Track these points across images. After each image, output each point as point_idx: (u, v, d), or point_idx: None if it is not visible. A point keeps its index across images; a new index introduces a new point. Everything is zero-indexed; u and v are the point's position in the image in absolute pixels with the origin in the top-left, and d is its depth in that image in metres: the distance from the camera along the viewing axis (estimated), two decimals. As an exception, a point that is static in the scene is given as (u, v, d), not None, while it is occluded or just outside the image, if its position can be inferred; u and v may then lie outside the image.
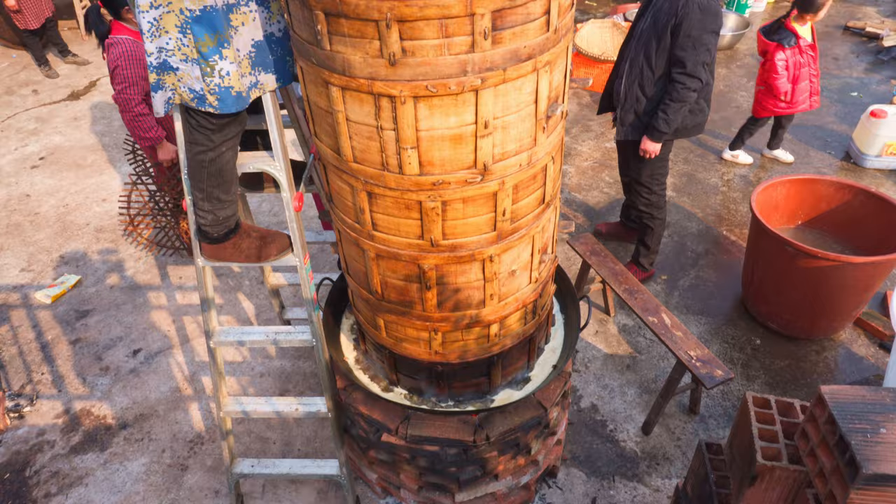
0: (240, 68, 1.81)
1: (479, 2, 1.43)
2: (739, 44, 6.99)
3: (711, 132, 5.48)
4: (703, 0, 3.01)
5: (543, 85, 1.70)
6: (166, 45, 1.76)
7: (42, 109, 6.33)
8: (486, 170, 1.75)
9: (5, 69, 7.08)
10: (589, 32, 5.93)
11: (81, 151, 5.61)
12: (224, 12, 1.71)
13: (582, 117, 5.75)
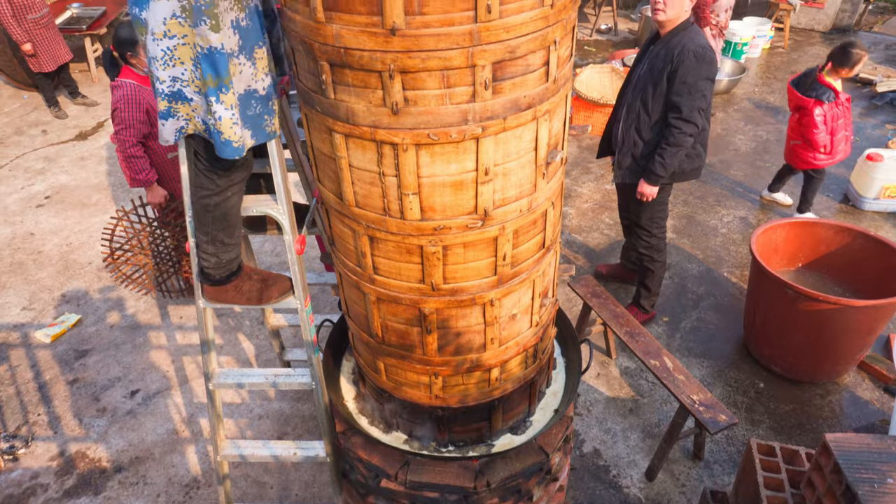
0: (235, 117, 1.82)
1: (479, 54, 1.47)
2: (736, 88, 7.12)
3: (710, 174, 5.54)
4: (697, 49, 3.08)
5: (543, 133, 1.73)
6: (181, 76, 1.76)
7: (50, 149, 6.42)
8: (487, 215, 1.77)
9: (16, 110, 7.21)
10: (588, 77, 6.06)
11: (87, 191, 5.67)
12: (227, 57, 1.73)
13: (582, 160, 5.83)
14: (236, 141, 1.82)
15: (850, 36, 8.51)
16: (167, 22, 1.66)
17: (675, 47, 3.10)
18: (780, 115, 6.64)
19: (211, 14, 1.65)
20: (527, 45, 1.52)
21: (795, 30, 8.69)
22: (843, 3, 8.39)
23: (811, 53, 8.10)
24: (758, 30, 7.63)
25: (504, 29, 1.46)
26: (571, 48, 1.77)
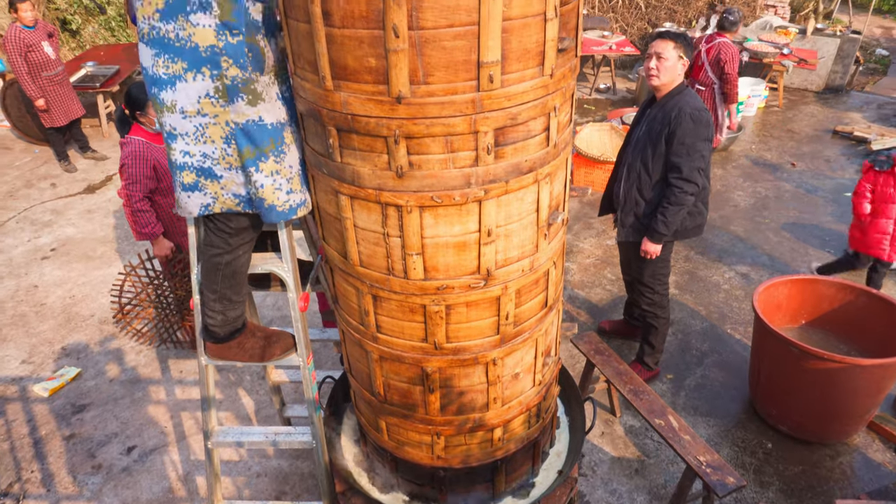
0: (288, 184, 1.87)
1: (482, 121, 1.52)
2: (734, 146, 7.26)
3: (710, 230, 5.59)
4: (693, 111, 3.16)
5: (544, 195, 1.76)
6: (212, 154, 1.81)
7: (58, 202, 6.52)
8: (490, 275, 1.78)
9: (27, 164, 7.36)
10: (588, 135, 6.19)
11: (92, 243, 5.72)
12: (277, 129, 1.79)
13: (583, 215, 5.89)
14: (280, 205, 1.87)
15: (843, 96, 8.73)
16: (201, 101, 1.71)
17: (672, 110, 3.19)
18: (777, 171, 6.74)
19: (248, 90, 1.70)
20: (528, 112, 1.57)
21: (789, 89, 8.92)
22: (834, 65, 8.64)
23: (806, 112, 8.29)
24: (752, 89, 7.84)
25: (506, 97, 1.51)
26: (571, 114, 1.83)
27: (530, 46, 1.49)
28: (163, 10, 1.63)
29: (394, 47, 1.39)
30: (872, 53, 10.63)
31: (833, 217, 5.82)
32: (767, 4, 9.51)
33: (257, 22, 1.66)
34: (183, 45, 1.65)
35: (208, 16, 1.61)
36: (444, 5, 1.36)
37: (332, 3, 1.41)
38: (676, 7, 9.08)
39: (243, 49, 1.66)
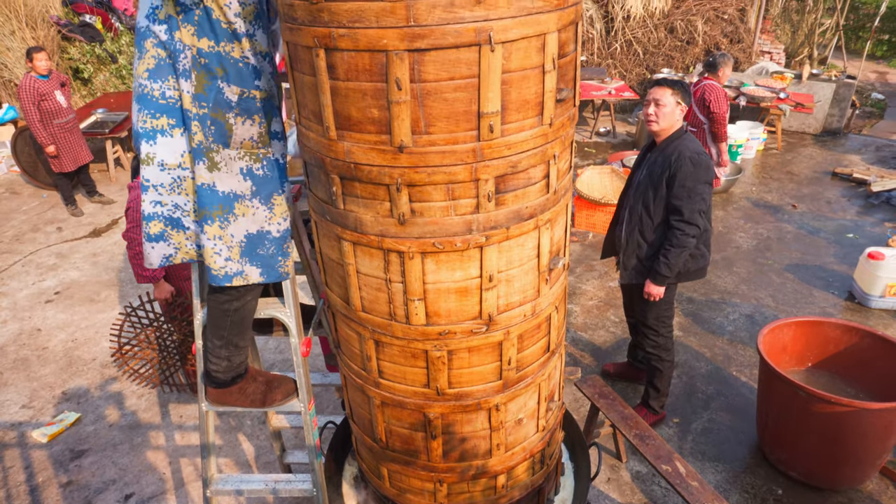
0: (227, 251, 1.92)
1: (483, 169, 1.55)
2: (734, 188, 7.32)
3: (713, 272, 5.59)
4: (693, 155, 3.21)
5: (545, 241, 1.78)
6: (183, 206, 1.89)
7: (63, 246, 6.57)
8: (492, 320, 1.79)
9: (35, 208, 7.45)
10: (589, 178, 6.26)
11: (96, 287, 5.75)
12: (229, 198, 1.86)
13: (585, 257, 5.91)
14: (216, 269, 1.93)
15: (841, 139, 8.84)
16: (184, 155, 1.81)
17: (672, 154, 3.23)
18: (778, 213, 6.78)
19: (207, 156, 1.80)
20: (528, 160, 1.60)
21: (788, 132, 9.04)
22: (830, 109, 8.78)
23: (805, 154, 8.38)
24: (751, 132, 7.95)
25: (506, 146, 1.54)
26: (570, 161, 1.86)
27: (529, 97, 1.53)
28: (152, 69, 1.76)
29: (396, 99, 1.43)
30: (868, 97, 10.81)
31: (836, 258, 5.82)
32: (763, 50, 9.73)
33: (230, 101, 1.77)
34: (170, 103, 1.78)
35: (188, 84, 1.75)
36: (446, 59, 1.40)
37: (337, 57, 1.46)
38: (674, 53, 9.30)
39: (206, 121, 1.78)
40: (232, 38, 1.72)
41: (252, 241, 1.95)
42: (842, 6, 10.47)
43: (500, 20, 1.39)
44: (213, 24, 1.69)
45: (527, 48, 1.46)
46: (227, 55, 1.73)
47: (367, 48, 1.40)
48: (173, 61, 1.73)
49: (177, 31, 1.70)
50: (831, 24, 10.92)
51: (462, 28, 1.37)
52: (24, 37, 8.80)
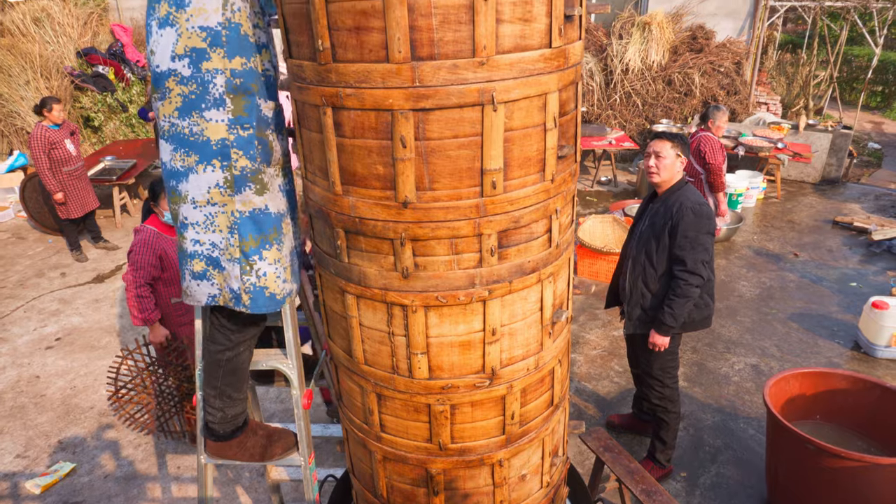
0: (284, 273, 1.93)
1: (486, 224, 1.56)
2: (735, 236, 7.35)
3: (717, 321, 5.55)
4: (694, 206, 3.24)
5: (548, 294, 1.79)
6: (219, 244, 1.87)
7: (66, 291, 6.58)
8: (495, 374, 1.78)
9: (39, 253, 7.49)
10: (591, 226, 6.30)
11: (97, 333, 5.73)
12: (276, 218, 1.88)
13: (589, 306, 5.89)
14: (279, 293, 1.93)
15: (840, 188, 8.92)
16: (210, 190, 1.80)
17: (674, 205, 3.27)
18: (780, 261, 6.78)
19: (256, 180, 1.80)
20: (530, 216, 1.62)
21: (787, 181, 9.13)
22: (828, 158, 8.89)
23: (805, 203, 8.44)
24: (751, 182, 8.03)
25: (508, 202, 1.56)
26: (572, 215, 1.88)
27: (531, 154, 1.56)
28: (181, 107, 1.75)
29: (401, 156, 1.46)
30: (865, 147, 10.96)
31: (841, 307, 5.80)
32: (760, 102, 9.92)
33: (267, 118, 1.78)
34: (196, 139, 1.76)
35: (222, 111, 1.73)
36: (450, 118, 1.44)
37: (344, 116, 1.50)
38: (672, 105, 9.48)
39: (253, 142, 1.77)
40: (257, 51, 1.74)
41: (293, 256, 2.01)
42: (834, 59, 10.72)
43: (503, 81, 1.43)
44: (242, 39, 1.69)
45: (528, 107, 1.50)
46: (256, 70, 1.74)
47: (373, 107, 1.44)
48: (200, 94, 1.72)
49: (204, 62, 1.69)
50: (825, 77, 11.17)
51: (466, 89, 1.41)
52: (39, 87, 9.04)
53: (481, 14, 1.36)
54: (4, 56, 8.99)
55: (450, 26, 1.37)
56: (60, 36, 9.47)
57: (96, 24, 10.10)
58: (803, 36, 12.43)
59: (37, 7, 9.45)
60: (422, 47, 1.38)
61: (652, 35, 9.23)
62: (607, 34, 9.67)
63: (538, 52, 1.47)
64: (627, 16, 9.58)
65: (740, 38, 9.68)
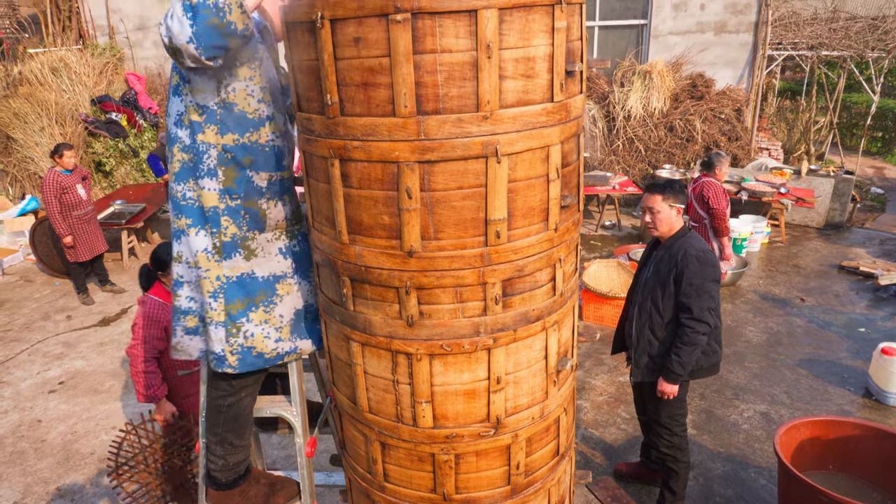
0: (277, 332, 1.95)
1: (490, 273, 1.58)
2: (741, 281, 7.33)
3: (724, 367, 5.49)
4: (699, 253, 3.25)
5: (552, 342, 1.79)
6: (201, 306, 1.94)
7: (71, 334, 6.58)
8: (499, 423, 1.76)
9: (46, 296, 7.53)
10: (596, 271, 6.31)
11: (101, 377, 5.71)
12: (265, 282, 1.92)
13: (594, 351, 5.85)
14: (268, 352, 1.96)
15: (845, 232, 8.94)
16: (198, 254, 1.88)
17: (678, 252, 3.28)
18: (787, 306, 6.75)
19: (244, 246, 1.87)
20: (534, 264, 1.64)
21: (791, 226, 9.16)
22: (832, 203, 8.93)
23: (810, 248, 8.45)
24: (755, 226, 8.06)
25: (512, 251, 1.59)
26: (576, 263, 1.90)
27: (535, 204, 1.59)
28: (177, 172, 1.86)
29: (407, 207, 1.49)
30: (867, 192, 11.02)
31: (850, 353, 5.73)
32: (761, 147, 10.04)
33: (260, 188, 1.87)
34: (188, 203, 1.86)
35: (214, 181, 1.82)
36: (454, 170, 1.47)
37: (351, 167, 1.53)
38: (674, 150, 9.61)
39: (240, 211, 1.86)
40: (257, 125, 1.82)
41: (300, 316, 2.01)
42: (833, 106, 10.89)
43: (506, 134, 1.47)
44: (237, 116, 1.78)
45: (531, 159, 1.54)
46: (254, 144, 1.82)
47: (379, 159, 1.48)
48: (195, 164, 1.82)
49: (199, 134, 1.79)
50: (825, 123, 11.32)
51: (470, 142, 1.45)
52: (53, 133, 9.25)
53: (485, 70, 1.41)
54: (21, 104, 9.23)
55: (455, 82, 1.42)
56: (76, 84, 9.74)
57: (111, 73, 10.39)
58: (802, 83, 12.67)
59: (55, 57, 9.76)
60: (427, 102, 1.43)
61: (653, 83, 9.43)
62: (609, 82, 9.88)
63: (540, 107, 1.51)
64: (628, 65, 9.80)
65: (740, 85, 9.87)
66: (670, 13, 9.74)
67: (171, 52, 1.57)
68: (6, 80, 9.73)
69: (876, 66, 10.07)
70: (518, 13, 1.41)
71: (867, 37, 9.85)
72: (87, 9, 10.50)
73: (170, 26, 1.53)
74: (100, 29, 10.65)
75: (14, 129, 9.28)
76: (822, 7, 10.52)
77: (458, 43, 1.39)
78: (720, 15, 9.64)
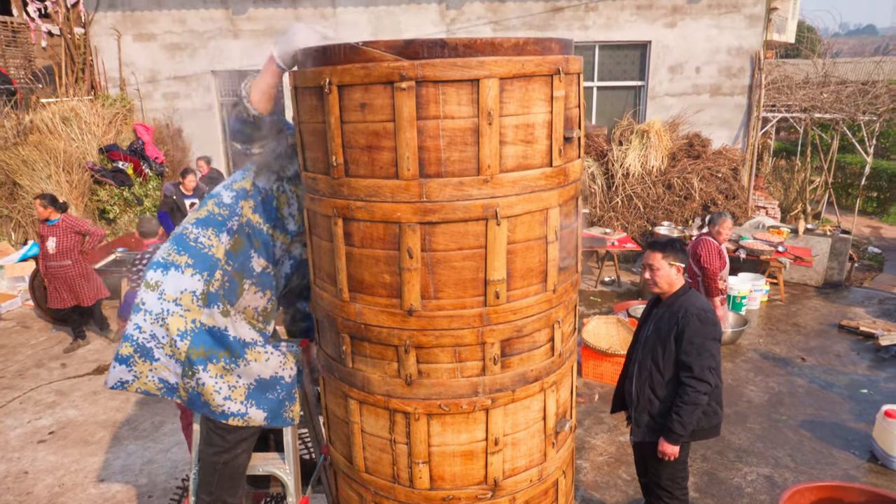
0: (231, 392, 1.97)
1: (489, 333, 1.59)
2: (741, 339, 7.30)
3: (726, 427, 5.41)
4: (699, 312, 3.26)
5: (551, 403, 1.78)
6: (161, 338, 1.96)
7: (65, 383, 6.50)
8: (497, 486, 1.73)
9: (42, 343, 7.48)
10: (595, 327, 6.29)
11: (92, 427, 5.60)
12: (235, 342, 1.95)
13: (594, 409, 5.76)
14: (214, 406, 1.97)
15: (843, 291, 8.95)
16: (184, 293, 1.91)
17: (678, 311, 3.28)
18: (788, 366, 6.69)
19: (223, 303, 1.93)
20: (532, 325, 1.65)
21: (790, 284, 9.17)
22: (829, 262, 8.98)
23: (809, 306, 8.44)
24: (753, 284, 8.07)
25: (511, 311, 1.60)
26: (574, 324, 1.91)
27: (533, 266, 1.61)
28: (201, 219, 1.96)
29: (408, 266, 1.52)
30: (865, 251, 11.09)
31: (853, 415, 5.65)
32: (758, 206, 10.17)
33: (252, 270, 1.98)
34: (199, 248, 1.93)
35: (228, 239, 1.96)
36: (455, 231, 1.50)
37: (354, 226, 1.56)
38: (672, 208, 9.72)
39: (227, 276, 1.96)
40: (277, 227, 1.99)
41: (263, 385, 2.01)
42: (828, 167, 11.09)
43: (506, 197, 1.51)
44: (271, 210, 1.95)
45: (530, 222, 1.57)
46: (269, 235, 1.97)
47: (382, 219, 1.51)
48: (224, 219, 1.94)
49: (242, 201, 1.95)
50: (821, 182, 11.50)
51: (471, 204, 1.49)
52: (59, 180, 9.39)
53: (486, 136, 1.46)
54: (30, 152, 9.40)
55: (456, 147, 1.46)
56: (86, 133, 9.94)
57: (121, 123, 10.62)
58: (796, 144, 12.94)
59: (66, 107, 10.00)
60: (430, 165, 1.47)
61: (650, 142, 9.63)
62: (608, 140, 10.09)
63: (539, 171, 1.55)
64: (626, 124, 10.03)
65: (735, 145, 10.07)
66: (666, 75, 10.04)
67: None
68: (17, 128, 9.93)
69: (868, 129, 10.31)
70: (518, 82, 1.47)
71: (858, 100, 10.12)
72: (101, 61, 10.82)
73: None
74: (112, 81, 10.95)
75: (21, 175, 9.43)
76: (813, 72, 10.85)
77: (461, 110, 1.44)
78: (715, 78, 9.93)
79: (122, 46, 10.74)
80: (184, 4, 10.37)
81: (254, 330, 2.02)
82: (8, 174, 9.50)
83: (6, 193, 9.67)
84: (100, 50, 10.79)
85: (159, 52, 10.73)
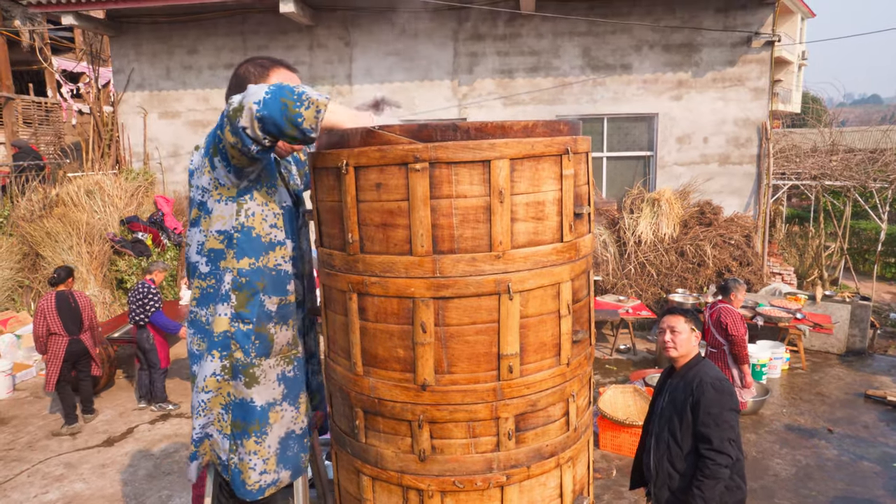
0: (263, 464, 1.93)
1: (503, 408, 1.58)
2: (763, 409, 7.10)
3: (752, 502, 5.19)
4: (714, 381, 3.21)
5: (567, 479, 1.74)
6: (209, 421, 1.94)
7: (74, 455, 6.43)
8: (513, 569, 1.68)
9: (54, 413, 7.44)
10: (612, 397, 6.17)
11: (99, 501, 5.50)
12: (265, 411, 1.93)
13: (613, 483, 5.57)
14: (251, 484, 1.92)
15: (867, 359, 8.74)
16: (206, 379, 1.91)
17: (693, 380, 3.24)
18: (814, 437, 6.47)
19: (247, 373, 1.90)
20: (547, 399, 1.64)
21: (811, 352, 8.99)
22: (850, 329, 8.82)
23: (832, 375, 8.23)
24: (773, 352, 7.92)
25: (525, 385, 1.60)
26: (589, 397, 1.89)
27: (546, 340, 1.62)
28: (198, 298, 1.94)
29: (421, 341, 1.53)
30: (887, 318, 10.89)
31: (887, 491, 5.41)
32: (773, 272, 10.11)
33: (270, 312, 1.91)
34: (209, 328, 1.92)
35: (226, 306, 1.88)
36: (468, 306, 1.53)
37: (368, 301, 1.60)
38: (686, 275, 9.69)
39: (251, 336, 1.89)
40: (268, 249, 1.89)
41: (283, 444, 1.98)
42: (842, 233, 11.07)
43: (518, 272, 1.54)
44: (254, 241, 1.86)
45: (543, 296, 1.59)
46: (265, 266, 1.89)
47: (396, 295, 1.55)
48: (215, 289, 1.90)
49: (221, 261, 1.87)
50: (836, 248, 11.45)
51: (483, 279, 1.52)
52: (80, 251, 9.60)
53: (497, 214, 1.50)
54: (55, 224, 9.67)
55: (469, 224, 1.51)
56: (108, 206, 10.24)
57: (142, 196, 10.95)
58: (809, 210, 12.98)
59: (91, 181, 10.35)
60: (443, 242, 1.51)
61: (661, 210, 9.72)
62: (619, 209, 10.20)
63: (551, 247, 1.59)
64: (637, 192, 10.16)
65: (747, 212, 10.13)
66: (675, 146, 10.24)
67: (231, 113, 1.60)
68: (44, 201, 10.27)
69: (880, 196, 10.34)
70: (528, 162, 1.53)
71: (868, 168, 10.21)
72: (127, 137, 11.28)
73: (250, 88, 1.60)
74: (136, 156, 11.37)
75: (44, 247, 9.66)
76: (820, 140, 11.02)
77: (473, 189, 1.49)
78: (723, 147, 10.11)
79: (147, 123, 11.22)
80: (207, 84, 10.88)
81: (277, 381, 1.96)
82: (32, 245, 9.74)
83: (28, 264, 9.89)
84: (126, 127, 11.26)
85: (182, 128, 11.19)
